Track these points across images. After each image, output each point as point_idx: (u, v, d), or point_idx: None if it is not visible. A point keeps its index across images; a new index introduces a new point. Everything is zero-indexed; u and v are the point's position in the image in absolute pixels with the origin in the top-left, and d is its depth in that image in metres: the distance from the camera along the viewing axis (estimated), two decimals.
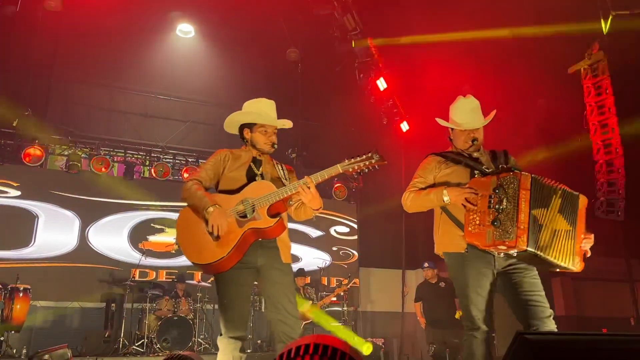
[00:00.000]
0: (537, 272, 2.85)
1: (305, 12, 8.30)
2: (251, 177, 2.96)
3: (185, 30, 9.35)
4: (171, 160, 9.44)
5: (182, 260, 9.06)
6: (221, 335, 2.82)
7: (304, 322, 7.04)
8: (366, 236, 10.48)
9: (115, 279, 8.32)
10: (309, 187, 2.77)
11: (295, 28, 8.74)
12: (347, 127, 10.32)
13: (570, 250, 2.69)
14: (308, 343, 0.95)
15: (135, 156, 9.41)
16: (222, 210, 2.76)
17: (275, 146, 3.07)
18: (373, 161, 2.75)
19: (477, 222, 2.68)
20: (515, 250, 2.61)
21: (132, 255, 8.65)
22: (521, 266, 2.81)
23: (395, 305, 9.84)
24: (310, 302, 7.31)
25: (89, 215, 8.70)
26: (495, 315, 2.89)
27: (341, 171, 2.78)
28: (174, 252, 9.09)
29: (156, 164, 9.14)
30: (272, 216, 2.80)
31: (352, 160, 2.78)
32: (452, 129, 3.15)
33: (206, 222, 2.74)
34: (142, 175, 9.49)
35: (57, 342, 5.09)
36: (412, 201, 2.98)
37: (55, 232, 8.45)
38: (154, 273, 8.82)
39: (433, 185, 3.00)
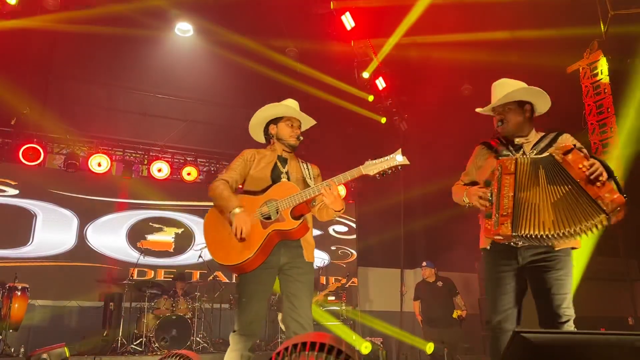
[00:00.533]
0: (565, 272, 2.66)
1: (304, 11, 8.29)
2: (276, 176, 3.01)
3: (183, 29, 9.32)
4: (170, 159, 9.44)
5: (181, 259, 9.07)
6: (234, 331, 2.86)
7: None
8: (365, 235, 10.48)
9: (114, 278, 8.33)
10: (331, 189, 2.80)
11: (294, 27, 8.73)
12: (346, 125, 10.32)
13: (585, 207, 2.46)
14: (305, 341, 0.96)
15: (134, 155, 9.40)
16: (247, 213, 2.80)
17: (301, 138, 3.13)
18: (396, 162, 2.75)
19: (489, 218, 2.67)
20: (505, 239, 2.57)
21: (130, 254, 8.65)
22: (549, 263, 2.64)
23: (394, 305, 9.85)
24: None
25: (87, 214, 8.69)
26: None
27: (363, 173, 2.80)
28: (172, 251, 9.10)
29: (155, 163, 9.14)
30: (296, 217, 2.83)
31: (375, 161, 2.79)
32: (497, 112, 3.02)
33: (230, 223, 2.79)
34: (140, 174, 9.49)
35: (55, 341, 5.09)
36: (453, 195, 3.01)
37: (53, 231, 8.45)
38: (153, 272, 8.81)
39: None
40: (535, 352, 1.39)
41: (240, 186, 3.12)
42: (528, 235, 2.49)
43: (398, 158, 2.73)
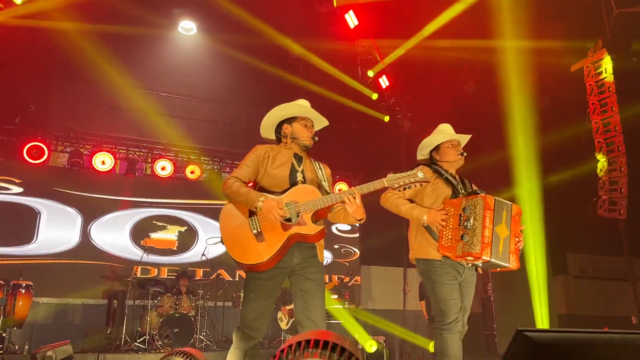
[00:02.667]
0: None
1: (308, 9, 8.28)
2: (294, 177, 3.00)
3: (187, 28, 9.33)
4: (173, 158, 9.46)
5: (184, 257, 9.09)
6: (238, 328, 2.85)
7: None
8: (368, 234, 10.48)
9: (117, 276, 8.35)
10: (354, 198, 2.81)
11: (297, 25, 8.72)
12: (349, 124, 10.31)
13: (511, 252, 3.15)
14: (309, 338, 0.96)
15: (138, 153, 9.43)
16: (273, 199, 2.78)
17: (316, 139, 3.13)
18: (418, 178, 2.81)
19: (450, 237, 3.14)
20: (481, 261, 3.04)
21: (134, 252, 8.68)
22: (474, 282, 3.37)
23: (397, 303, 9.85)
24: None
25: (91, 212, 8.71)
26: (496, 314, 3.05)
27: (386, 185, 2.84)
28: (175, 249, 9.12)
29: (158, 161, 9.16)
30: (316, 222, 2.86)
31: (397, 175, 2.83)
32: (437, 148, 3.53)
33: (251, 214, 2.80)
34: (144, 172, 9.51)
35: (59, 339, 5.12)
36: (393, 205, 3.35)
37: (57, 229, 8.47)
38: (156, 270, 8.84)
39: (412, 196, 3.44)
40: (538, 351, 1.39)
41: (251, 184, 3.08)
42: (491, 261, 3.02)
43: (419, 175, 2.81)
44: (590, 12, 7.73)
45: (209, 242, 8.94)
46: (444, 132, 3.58)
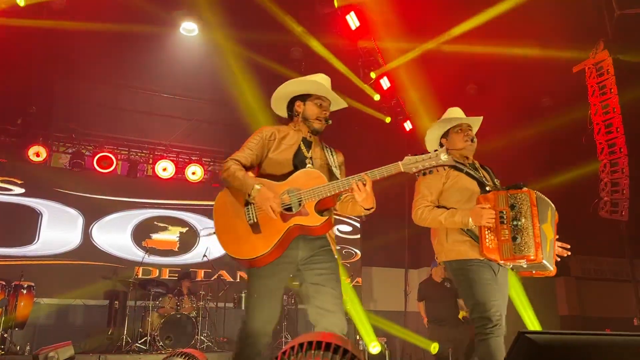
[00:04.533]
0: None
1: (309, 10, 8.29)
2: (300, 162, 2.66)
3: (188, 29, 9.32)
4: (175, 159, 9.47)
5: (186, 258, 9.09)
6: (242, 331, 2.57)
7: None
8: (369, 235, 10.47)
9: (119, 277, 8.36)
10: (364, 185, 2.44)
11: (299, 26, 8.73)
12: (350, 125, 10.31)
13: (553, 257, 2.92)
14: (311, 340, 0.96)
15: (139, 154, 9.44)
16: (270, 188, 2.47)
17: (329, 122, 2.78)
18: (441, 161, 2.38)
19: (492, 237, 2.79)
20: (534, 263, 2.74)
21: (135, 253, 8.68)
22: (506, 283, 3.05)
23: (398, 305, 9.84)
24: None
25: (92, 213, 8.72)
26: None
27: (402, 170, 2.44)
28: (176, 250, 9.12)
29: (160, 162, 9.16)
30: (320, 212, 2.50)
31: (415, 157, 2.43)
32: (446, 135, 3.21)
33: (247, 203, 2.51)
34: (145, 173, 9.52)
35: (61, 339, 5.13)
36: (433, 221, 2.98)
37: (59, 230, 8.48)
38: (157, 271, 8.84)
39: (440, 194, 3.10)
40: (540, 353, 1.39)
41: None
42: (542, 264, 2.76)
43: (443, 157, 2.38)
44: (591, 14, 7.72)
45: (202, 234, 8.92)
46: (451, 116, 3.21)
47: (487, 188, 2.98)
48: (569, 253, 3.00)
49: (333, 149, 2.89)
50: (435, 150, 2.42)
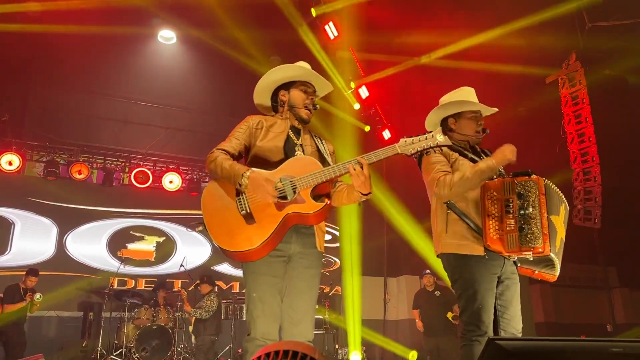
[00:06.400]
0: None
1: (287, 20, 8.32)
2: (290, 149, 2.55)
3: (166, 37, 9.31)
4: (151, 167, 9.36)
5: (162, 268, 8.98)
6: (249, 335, 2.40)
7: None
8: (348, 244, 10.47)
9: (93, 288, 8.20)
10: (361, 168, 2.35)
11: (277, 35, 8.76)
12: (330, 133, 10.35)
13: (560, 259, 2.68)
14: (278, 349, 0.95)
15: (115, 163, 9.31)
16: (261, 174, 2.35)
17: (317, 107, 2.68)
18: (437, 141, 2.33)
19: (497, 227, 2.59)
20: (541, 256, 2.55)
21: (110, 264, 8.54)
22: (515, 276, 2.78)
23: (377, 313, 9.85)
24: None
25: (67, 222, 8.57)
26: None
27: (399, 152, 2.37)
28: (153, 260, 9.00)
29: (136, 171, 9.05)
30: (316, 199, 2.40)
31: (411, 139, 2.37)
32: (456, 117, 2.96)
33: (238, 194, 2.39)
34: (121, 182, 9.39)
35: (33, 352, 5.01)
36: (461, 182, 2.66)
37: (32, 240, 8.31)
38: (133, 281, 8.70)
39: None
40: None
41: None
42: (550, 257, 2.56)
43: (439, 138, 2.33)
44: (564, 26, 7.92)
45: (189, 229, 8.81)
46: (468, 99, 2.95)
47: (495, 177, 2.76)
48: None
49: (323, 138, 2.79)
50: (430, 132, 2.35)
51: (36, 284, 6.80)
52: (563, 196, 2.75)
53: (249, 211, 2.37)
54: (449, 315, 7.08)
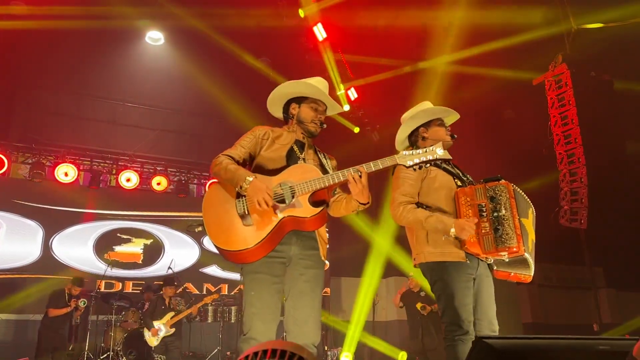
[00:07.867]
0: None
1: (276, 21, 8.32)
2: (293, 162, 2.61)
3: (154, 38, 9.26)
4: (139, 169, 9.29)
5: (150, 271, 8.91)
6: (244, 335, 2.40)
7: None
8: (337, 245, 10.48)
9: (80, 290, 8.11)
10: (360, 177, 2.41)
11: (266, 37, 8.75)
12: (319, 135, 10.35)
13: (533, 259, 2.79)
14: (266, 348, 0.95)
15: (102, 164, 9.22)
16: (262, 181, 2.42)
17: (324, 126, 2.74)
18: (437, 155, 2.39)
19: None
20: (516, 256, 2.65)
21: (97, 266, 8.47)
22: (489, 275, 2.89)
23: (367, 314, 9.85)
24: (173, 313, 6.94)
25: (53, 225, 8.48)
26: None
27: (398, 163, 2.42)
28: (140, 262, 8.93)
29: (123, 173, 8.98)
30: (314, 205, 2.44)
31: (411, 152, 2.42)
32: (426, 126, 3.05)
33: (238, 196, 2.45)
34: (108, 184, 9.31)
35: (19, 356, 4.95)
36: (413, 221, 2.80)
37: (17, 243, 8.21)
38: (120, 284, 8.63)
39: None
40: (498, 358, 1.41)
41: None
42: (524, 257, 2.67)
43: (439, 151, 2.38)
44: (550, 28, 8.00)
45: (190, 229, 8.74)
46: (431, 108, 3.06)
47: (461, 183, 2.91)
48: None
49: (326, 154, 2.86)
50: (432, 146, 2.41)
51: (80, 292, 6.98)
52: (529, 201, 2.89)
53: (247, 213, 2.42)
54: (418, 305, 7.12)
